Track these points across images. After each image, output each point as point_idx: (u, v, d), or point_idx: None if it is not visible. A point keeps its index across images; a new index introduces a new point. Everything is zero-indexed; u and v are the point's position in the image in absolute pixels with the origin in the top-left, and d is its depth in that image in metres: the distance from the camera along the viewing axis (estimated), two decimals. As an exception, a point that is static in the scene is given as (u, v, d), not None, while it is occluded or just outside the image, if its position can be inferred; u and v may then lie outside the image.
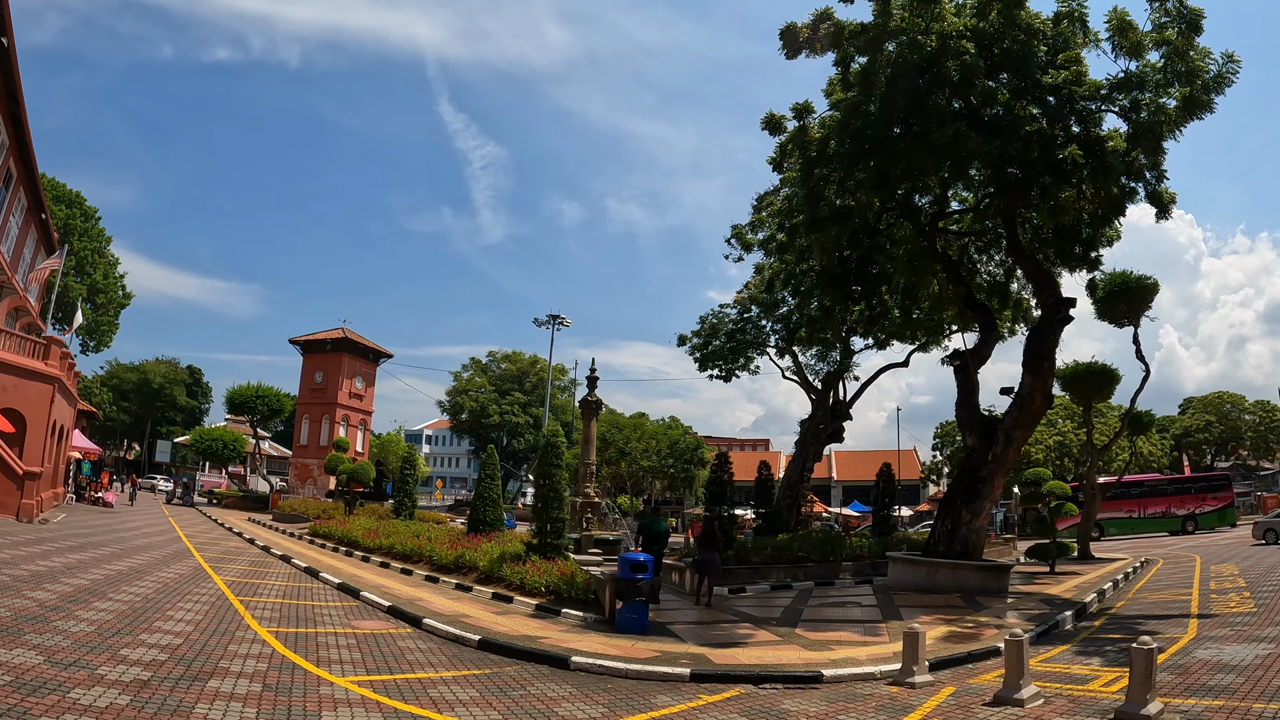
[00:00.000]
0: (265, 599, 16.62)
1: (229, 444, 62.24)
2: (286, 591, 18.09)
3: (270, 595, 17.23)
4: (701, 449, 64.67)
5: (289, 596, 17.36)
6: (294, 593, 18.04)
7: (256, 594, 17.20)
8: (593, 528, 29.27)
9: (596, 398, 32.03)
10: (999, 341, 30.59)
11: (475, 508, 26.84)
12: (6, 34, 27.24)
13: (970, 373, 24.55)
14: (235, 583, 18.60)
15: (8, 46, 27.80)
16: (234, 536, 32.88)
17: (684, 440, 61.94)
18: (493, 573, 20.12)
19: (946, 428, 76.96)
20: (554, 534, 20.42)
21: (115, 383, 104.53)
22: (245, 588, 17.97)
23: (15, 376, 30.63)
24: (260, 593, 17.50)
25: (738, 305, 42.51)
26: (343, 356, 65.33)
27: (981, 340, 25.57)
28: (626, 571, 14.76)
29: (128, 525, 32.41)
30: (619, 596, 14.94)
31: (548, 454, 20.26)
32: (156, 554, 22.50)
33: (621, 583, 14.88)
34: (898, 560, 23.89)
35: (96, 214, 71.44)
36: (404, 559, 24.95)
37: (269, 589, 18.28)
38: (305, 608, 16.07)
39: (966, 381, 24.43)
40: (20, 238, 39.87)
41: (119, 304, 75.33)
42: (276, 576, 20.91)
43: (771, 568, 24.61)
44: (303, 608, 16.03)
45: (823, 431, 40.12)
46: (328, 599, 17.62)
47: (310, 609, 15.96)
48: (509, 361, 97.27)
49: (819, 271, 26.06)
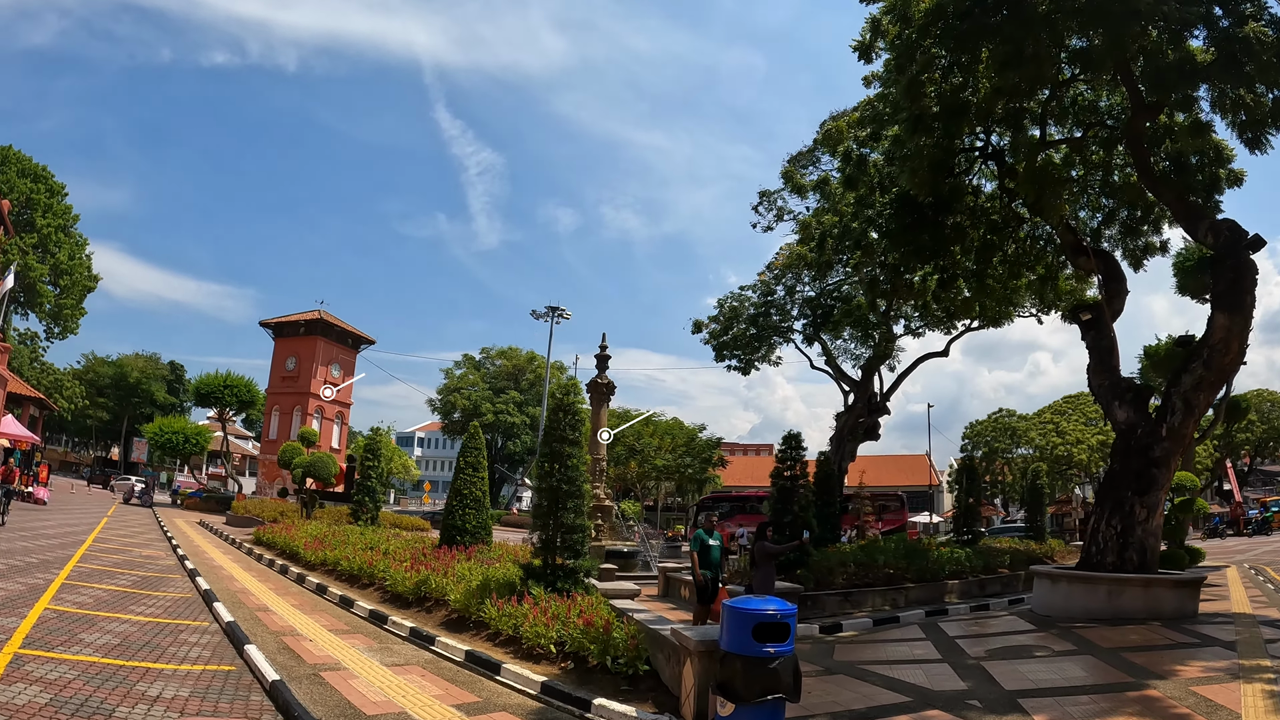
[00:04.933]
0: (75, 656, 9.46)
1: (190, 437, 55.10)
2: (128, 641, 10.80)
3: (89, 650, 9.91)
4: (717, 448, 58.28)
5: (121, 652, 10.06)
6: (139, 643, 10.78)
7: (70, 644, 9.99)
8: (603, 536, 23.74)
9: (608, 380, 25.65)
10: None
11: (451, 510, 19.74)
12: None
13: (1105, 329, 20.06)
14: (65, 614, 11.87)
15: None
16: (160, 543, 26.83)
17: (700, 438, 55.70)
18: (469, 612, 12.81)
19: (978, 427, 73.08)
20: (569, 550, 13.15)
21: (90, 377, 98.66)
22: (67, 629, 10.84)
23: None
24: (78, 642, 10.21)
25: (760, 286, 38.39)
26: (317, 340, 58.83)
27: (1110, 291, 20.90)
28: (746, 638, 6.98)
29: (28, 526, 26.51)
30: (730, 690, 7.01)
31: (560, 423, 12.95)
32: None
33: (738, 664, 6.99)
34: (1054, 578, 17.70)
35: (64, 190, 65.52)
36: (349, 581, 18.29)
37: (108, 632, 11.09)
38: (121, 680, 8.78)
39: (1100, 341, 19.87)
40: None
41: (84, 286, 68.85)
42: (147, 605, 13.90)
43: (864, 593, 18.49)
44: (115, 683, 8.70)
45: (860, 426, 35.54)
46: (188, 655, 10.41)
47: (125, 689, 8.59)
48: (504, 358, 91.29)
49: (891, 214, 22.49)
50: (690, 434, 54.85)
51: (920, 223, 21.34)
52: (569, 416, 13.03)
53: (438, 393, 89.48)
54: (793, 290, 37.57)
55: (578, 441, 13.14)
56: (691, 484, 57.30)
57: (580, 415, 13.26)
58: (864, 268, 28.14)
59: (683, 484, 56.31)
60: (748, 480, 78.17)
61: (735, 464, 71.41)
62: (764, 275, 38.64)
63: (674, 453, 52.28)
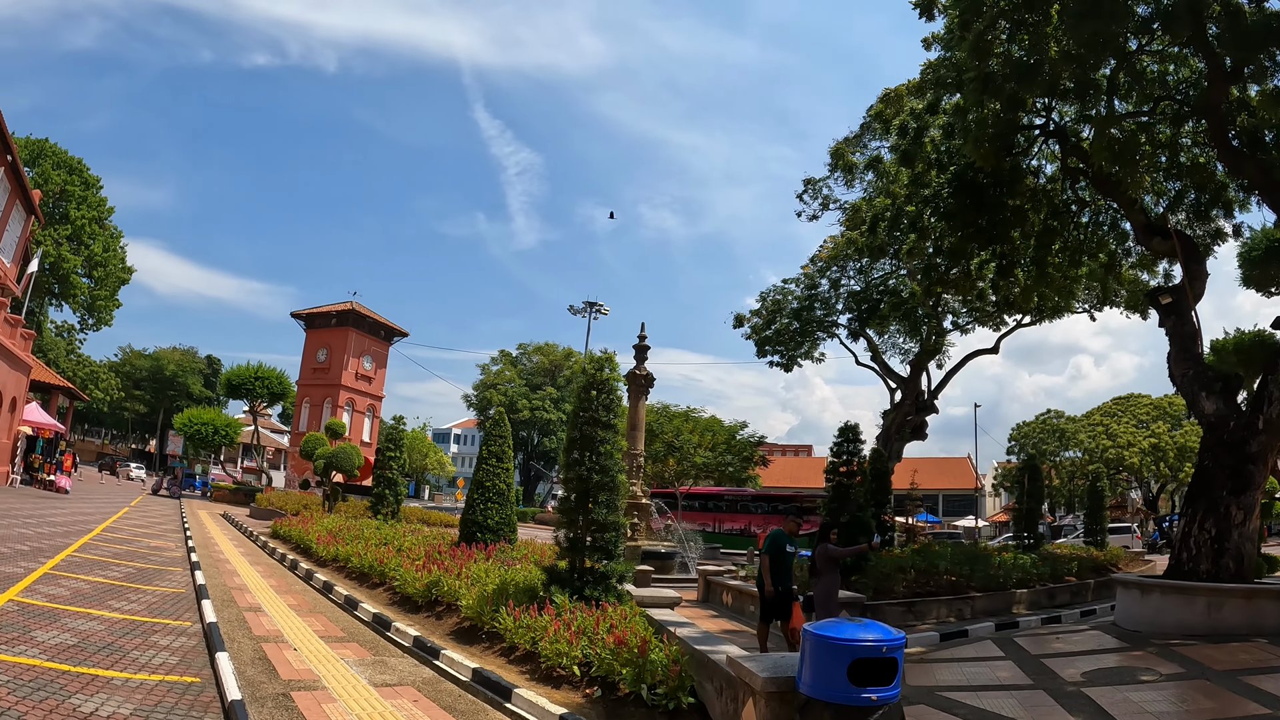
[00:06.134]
0: (13, 658, 7.76)
1: (220, 429, 54.15)
2: (87, 641, 9.08)
3: (35, 651, 8.19)
4: (759, 446, 56.49)
5: (73, 655, 8.32)
6: (99, 644, 9.01)
7: (17, 644, 8.29)
8: (639, 536, 21.99)
9: (646, 371, 23.87)
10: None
11: (472, 504, 18.05)
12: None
13: (1187, 314, 18.34)
14: (28, 608, 10.21)
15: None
16: (174, 534, 25.33)
17: (739, 437, 53.79)
18: (482, 621, 11.06)
19: (1025, 429, 70.50)
20: (600, 552, 11.33)
21: (127, 370, 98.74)
22: (21, 625, 9.17)
23: None
24: (27, 641, 8.49)
25: (804, 280, 37.32)
26: (349, 332, 57.67)
27: (1191, 273, 19.07)
28: (838, 680, 5.11)
29: (39, 513, 25.02)
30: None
31: (592, 402, 11.21)
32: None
33: (827, 716, 5.21)
34: (1143, 588, 15.70)
35: (99, 182, 65.06)
36: (359, 579, 16.74)
37: (69, 630, 9.37)
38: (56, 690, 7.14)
39: (1182, 327, 18.14)
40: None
41: (119, 278, 68.39)
42: (130, 601, 12.21)
43: (928, 603, 16.60)
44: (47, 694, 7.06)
45: (908, 424, 34.26)
46: (150, 662, 8.67)
47: (56, 703, 6.96)
48: (541, 354, 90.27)
49: (949, 194, 21.23)
50: (731, 431, 52.94)
51: (979, 203, 20.23)
52: (603, 395, 11.25)
53: (473, 388, 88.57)
54: (837, 283, 36.68)
55: (612, 425, 11.33)
56: (731, 483, 55.57)
57: (615, 394, 11.47)
58: (917, 254, 26.55)
59: (722, 482, 54.50)
60: (787, 481, 76.46)
61: (775, 464, 69.47)
62: (808, 268, 37.76)
63: (714, 450, 50.37)
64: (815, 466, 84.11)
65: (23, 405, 38.38)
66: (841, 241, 34.88)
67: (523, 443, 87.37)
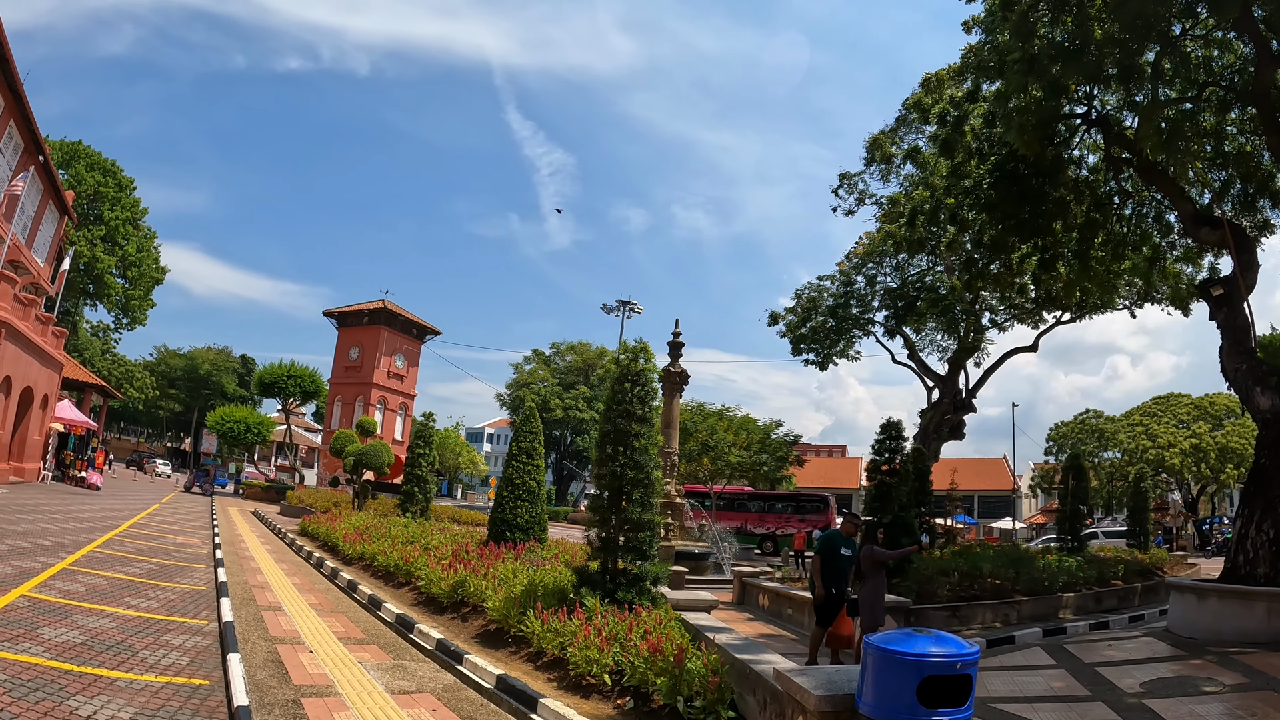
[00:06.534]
0: (16, 655, 7.35)
1: (251, 427, 54.12)
2: (96, 639, 8.64)
3: (40, 649, 7.74)
4: (794, 445, 55.45)
5: (79, 654, 7.88)
6: (108, 643, 8.59)
7: (21, 640, 7.85)
8: (672, 536, 21.44)
9: (680, 368, 23.12)
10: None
11: (500, 502, 17.49)
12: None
13: (1239, 306, 17.50)
14: (40, 604, 9.74)
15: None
16: (202, 531, 25.06)
17: (774, 436, 52.89)
18: (508, 624, 10.50)
19: (1063, 429, 68.96)
20: (633, 552, 10.73)
21: (162, 369, 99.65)
22: (29, 621, 8.73)
23: None
24: (33, 638, 8.08)
25: (839, 276, 36.73)
26: (381, 330, 57.54)
27: (1242, 263, 18.19)
28: (906, 700, 4.54)
29: (67, 509, 24.72)
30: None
31: (625, 395, 10.62)
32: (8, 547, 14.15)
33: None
34: (1199, 592, 14.84)
35: (132, 184, 65.52)
36: (384, 578, 16.30)
37: (79, 627, 8.86)
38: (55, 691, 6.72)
39: (1234, 320, 17.24)
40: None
41: (152, 278, 68.81)
42: (147, 598, 11.74)
43: (973, 608, 15.93)
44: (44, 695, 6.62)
45: (946, 423, 33.55)
46: (159, 662, 8.21)
47: (52, 705, 6.51)
48: (574, 353, 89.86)
49: (990, 184, 20.68)
50: (766, 430, 52.11)
51: (1021, 194, 19.83)
52: (637, 387, 10.64)
53: (507, 388, 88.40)
54: (874, 280, 36.10)
55: (647, 418, 10.71)
56: (765, 483, 54.83)
57: (650, 386, 10.86)
58: (956, 248, 26.31)
59: (756, 482, 53.72)
60: (821, 482, 75.49)
61: (810, 464, 68.57)
62: (843, 265, 37.16)
63: (749, 449, 49.57)
64: (850, 467, 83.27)
65: (55, 403, 38.24)
66: (878, 237, 34.26)
67: (556, 442, 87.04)
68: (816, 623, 10.86)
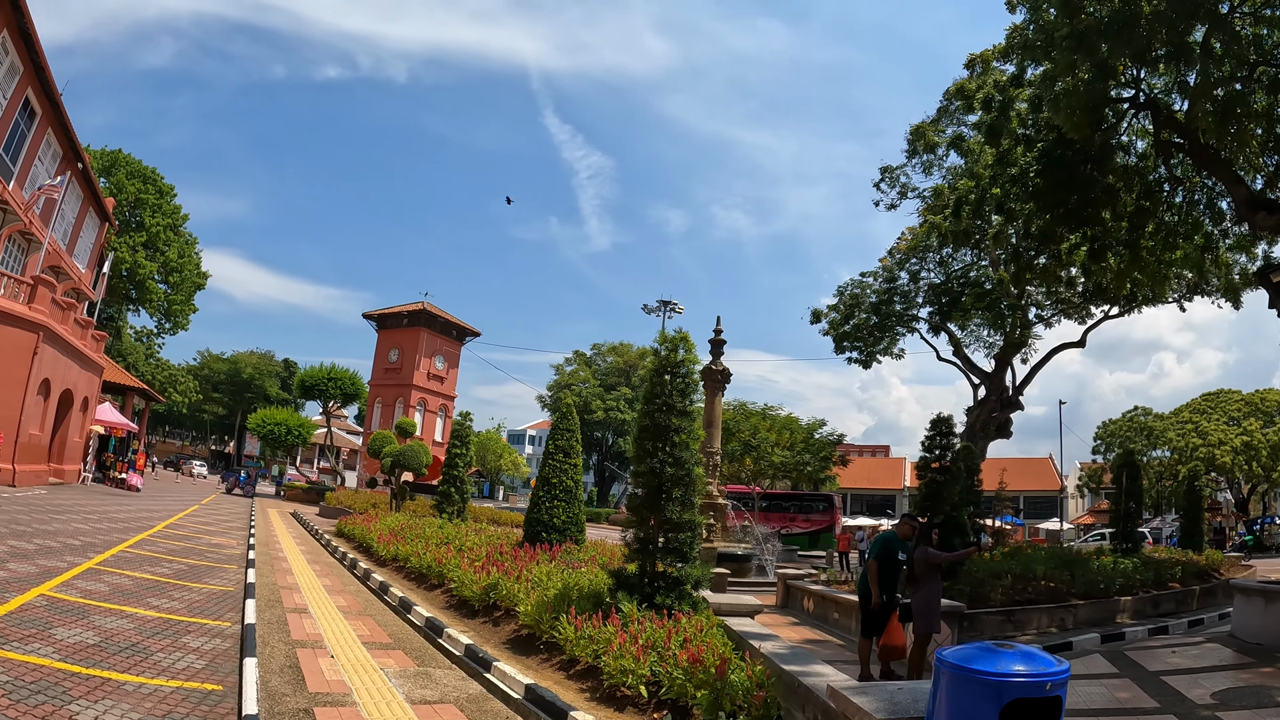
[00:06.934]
0: (23, 656, 7.01)
1: (292, 429, 54.28)
2: (110, 640, 8.22)
3: (49, 650, 7.30)
4: (838, 445, 54.88)
5: (89, 656, 7.42)
6: (122, 644, 8.14)
7: (32, 641, 7.38)
8: (714, 537, 21.06)
9: (722, 366, 22.75)
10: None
11: (537, 502, 16.96)
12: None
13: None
14: (57, 603, 9.38)
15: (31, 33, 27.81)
16: (238, 532, 24.80)
17: (817, 436, 52.06)
18: (540, 630, 9.94)
19: (1111, 427, 67.59)
20: (673, 554, 10.09)
21: (205, 373, 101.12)
22: (43, 621, 8.32)
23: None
24: (44, 639, 7.63)
25: (882, 273, 36.29)
26: (420, 332, 57.66)
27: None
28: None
29: (104, 509, 24.64)
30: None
31: (664, 387, 10.04)
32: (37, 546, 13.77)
33: None
34: (1267, 595, 13.91)
35: (172, 190, 66.45)
36: (417, 580, 15.87)
37: (94, 628, 8.45)
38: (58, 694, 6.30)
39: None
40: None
41: (194, 283, 69.55)
42: (172, 598, 11.36)
43: (1028, 612, 15.12)
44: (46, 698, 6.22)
45: (993, 421, 32.65)
46: (173, 666, 7.74)
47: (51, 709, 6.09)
48: (615, 354, 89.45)
49: (1037, 171, 20.19)
50: (809, 429, 51.34)
51: (1069, 181, 19.40)
52: (677, 379, 10.04)
53: (548, 389, 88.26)
54: (917, 276, 35.67)
55: (688, 412, 10.08)
56: (808, 483, 54.15)
57: (691, 378, 10.25)
58: (1002, 239, 25.78)
59: (799, 482, 53.03)
60: (865, 483, 74.47)
61: (854, 464, 67.56)
62: (886, 261, 36.67)
63: (791, 449, 48.84)
64: (893, 467, 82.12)
65: (95, 405, 38.51)
66: (920, 232, 33.72)
67: (597, 443, 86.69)
68: (862, 633, 10.20)
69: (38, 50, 29.00)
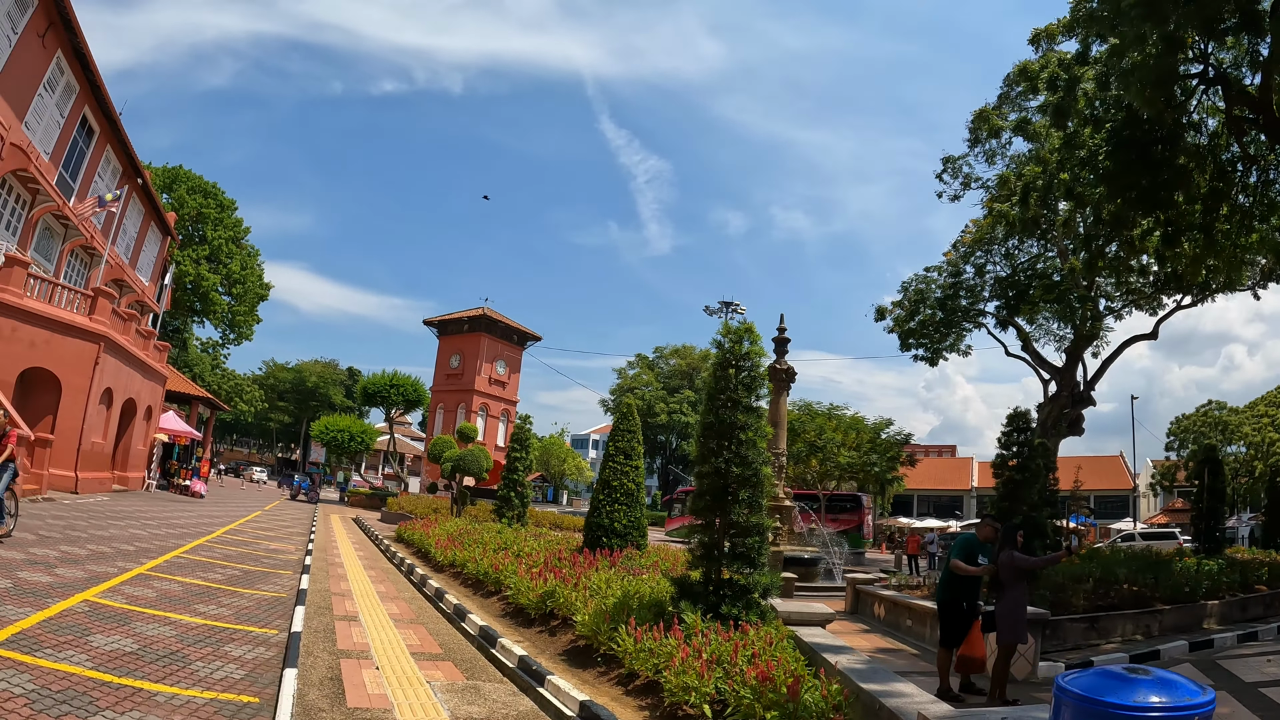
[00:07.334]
0: (54, 664, 6.64)
1: (355, 435, 54.64)
2: (148, 648, 7.79)
3: (82, 658, 6.89)
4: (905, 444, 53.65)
5: (124, 664, 6.98)
6: (160, 653, 7.74)
7: (66, 648, 6.93)
8: (781, 541, 20.03)
9: (787, 365, 22.06)
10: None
11: (597, 506, 16.40)
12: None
13: None
14: (100, 609, 8.97)
15: (85, 52, 28.69)
16: (298, 538, 24.71)
17: (884, 436, 50.82)
18: (598, 641, 9.33)
19: (1184, 422, 65.14)
20: (740, 559, 9.36)
21: (271, 382, 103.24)
22: (81, 628, 7.97)
23: (45, 330, 25.66)
24: (79, 646, 7.19)
25: (947, 267, 35.21)
26: (481, 337, 57.77)
27: None
28: None
29: (164, 515, 24.65)
30: None
31: (729, 382, 9.37)
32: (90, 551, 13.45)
33: None
34: None
35: (234, 205, 67.95)
36: (473, 586, 15.47)
37: (133, 635, 8.07)
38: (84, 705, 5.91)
39: None
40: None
41: (257, 294, 70.81)
42: (220, 605, 10.96)
43: (1112, 618, 14.03)
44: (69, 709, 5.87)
45: (1064, 418, 31.35)
46: (211, 676, 7.26)
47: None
48: (678, 356, 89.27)
49: (1106, 153, 19.31)
50: (877, 428, 50.17)
51: (1141, 162, 18.38)
52: (742, 373, 9.36)
53: (610, 393, 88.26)
54: (983, 269, 34.51)
55: (755, 408, 9.38)
56: (875, 484, 53.02)
57: (758, 370, 9.55)
58: (1071, 227, 25.17)
59: (866, 484, 51.95)
60: (932, 484, 72.93)
61: (921, 465, 66.03)
62: (950, 254, 35.60)
63: (858, 450, 47.75)
64: (960, 467, 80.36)
65: (158, 414, 39.02)
66: (985, 224, 32.67)
67: (660, 447, 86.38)
68: (941, 643, 9.47)
69: (92, 69, 29.53)
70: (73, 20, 26.92)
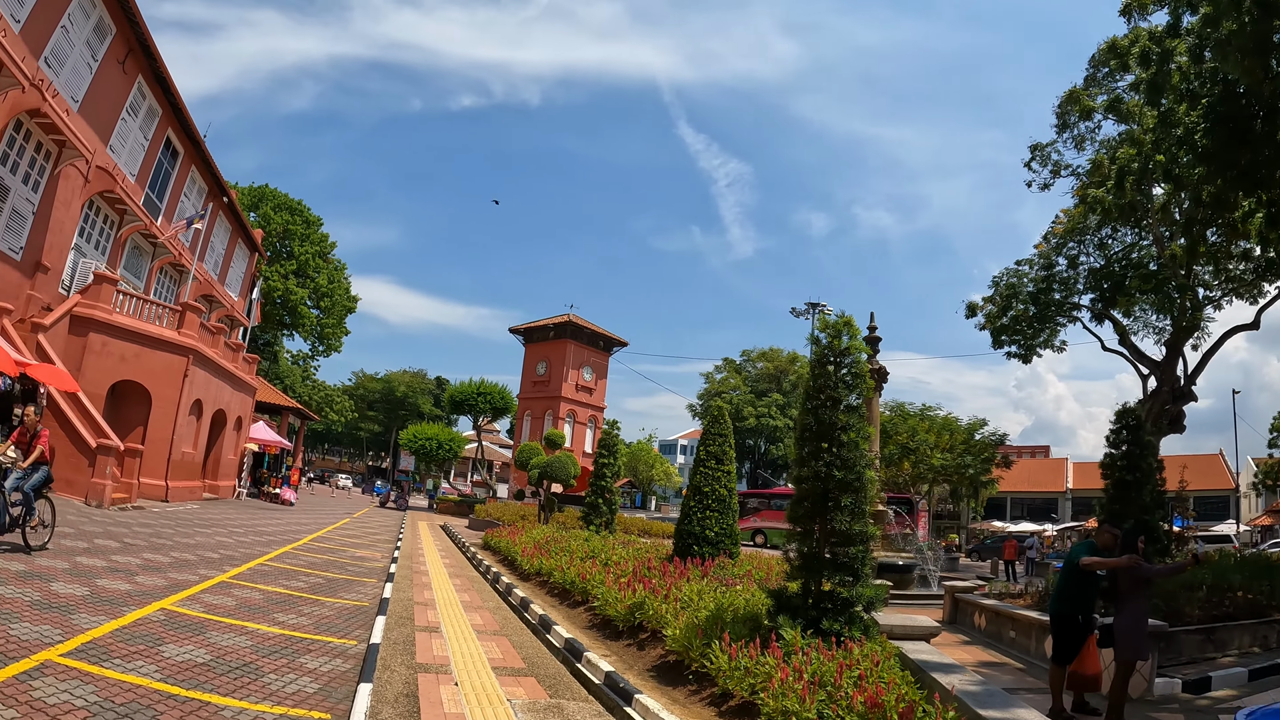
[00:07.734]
0: (120, 675, 6.39)
1: (443, 443, 55.02)
2: (220, 659, 7.50)
3: (151, 669, 6.53)
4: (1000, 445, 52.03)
5: (192, 676, 6.63)
6: (232, 664, 7.40)
7: (136, 658, 6.55)
8: (874, 547, 18.17)
9: (879, 364, 21.13)
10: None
11: (687, 513, 15.86)
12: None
13: None
14: (176, 618, 8.59)
15: (165, 76, 29.57)
16: (385, 544, 24.66)
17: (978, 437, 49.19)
18: (689, 656, 8.70)
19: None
20: (842, 570, 8.67)
21: (360, 392, 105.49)
22: (155, 637, 7.67)
23: (135, 344, 26.47)
24: (149, 656, 6.82)
25: (1038, 260, 34.15)
26: (567, 344, 57.81)
27: None
28: None
29: (253, 523, 25.03)
30: None
31: (828, 379, 8.70)
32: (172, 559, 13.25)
33: None
34: None
35: (319, 221, 69.73)
36: (560, 596, 14.99)
37: (207, 645, 7.71)
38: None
39: None
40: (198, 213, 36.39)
41: (344, 307, 72.12)
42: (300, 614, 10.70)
43: (1229, 629, 12.95)
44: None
45: (1165, 415, 29.80)
46: (283, 690, 6.92)
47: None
48: (765, 360, 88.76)
49: (1203, 130, 18.22)
50: (970, 429, 48.62)
51: (1240, 138, 17.35)
52: (842, 369, 8.69)
53: (698, 398, 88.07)
54: (1075, 261, 33.33)
55: (856, 407, 8.69)
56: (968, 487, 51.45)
57: (860, 365, 8.80)
58: (1168, 213, 24.50)
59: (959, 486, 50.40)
60: (1026, 485, 70.65)
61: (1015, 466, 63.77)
62: (1041, 246, 34.54)
63: (951, 451, 46.30)
64: (1055, 468, 77.77)
65: (249, 424, 39.79)
66: (1077, 213, 31.64)
67: (750, 451, 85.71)
68: (1053, 659, 8.68)
69: (174, 92, 30.34)
70: (151, 46, 27.59)
